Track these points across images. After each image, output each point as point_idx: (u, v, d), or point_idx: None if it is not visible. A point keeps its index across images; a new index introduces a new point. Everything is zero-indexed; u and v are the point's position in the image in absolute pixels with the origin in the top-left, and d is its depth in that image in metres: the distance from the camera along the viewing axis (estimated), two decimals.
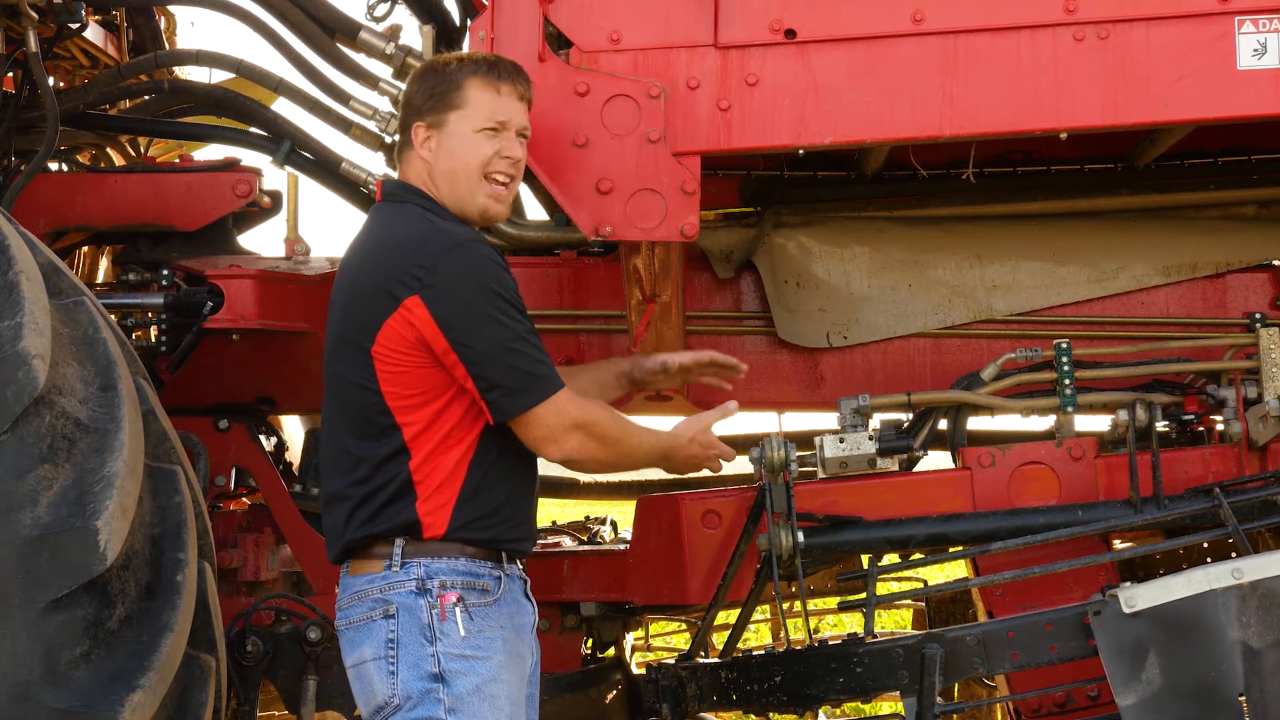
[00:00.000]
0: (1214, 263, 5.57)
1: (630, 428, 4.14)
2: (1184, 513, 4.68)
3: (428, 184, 4.10)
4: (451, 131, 4.07)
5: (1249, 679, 4.09)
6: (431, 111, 4.08)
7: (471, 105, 4.07)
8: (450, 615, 3.81)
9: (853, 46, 4.55)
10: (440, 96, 4.07)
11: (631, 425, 4.17)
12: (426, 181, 4.10)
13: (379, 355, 3.88)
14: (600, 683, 5.42)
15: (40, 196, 5.81)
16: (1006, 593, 4.83)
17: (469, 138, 4.06)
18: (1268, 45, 4.45)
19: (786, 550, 4.65)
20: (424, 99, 4.10)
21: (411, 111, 4.13)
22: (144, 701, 3.91)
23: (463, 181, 4.07)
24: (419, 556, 3.86)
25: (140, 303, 5.76)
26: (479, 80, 4.08)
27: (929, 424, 5.02)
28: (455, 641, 3.80)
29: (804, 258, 5.60)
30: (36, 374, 3.89)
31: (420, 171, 4.11)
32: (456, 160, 4.06)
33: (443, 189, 4.08)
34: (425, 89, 4.11)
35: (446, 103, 4.07)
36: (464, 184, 4.08)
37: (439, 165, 4.07)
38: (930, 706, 4.32)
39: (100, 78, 6.23)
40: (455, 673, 3.78)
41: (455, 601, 3.81)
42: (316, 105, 5.83)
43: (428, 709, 3.79)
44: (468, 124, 4.06)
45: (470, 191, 4.08)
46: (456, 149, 4.06)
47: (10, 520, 3.82)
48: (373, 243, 4.06)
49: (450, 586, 3.83)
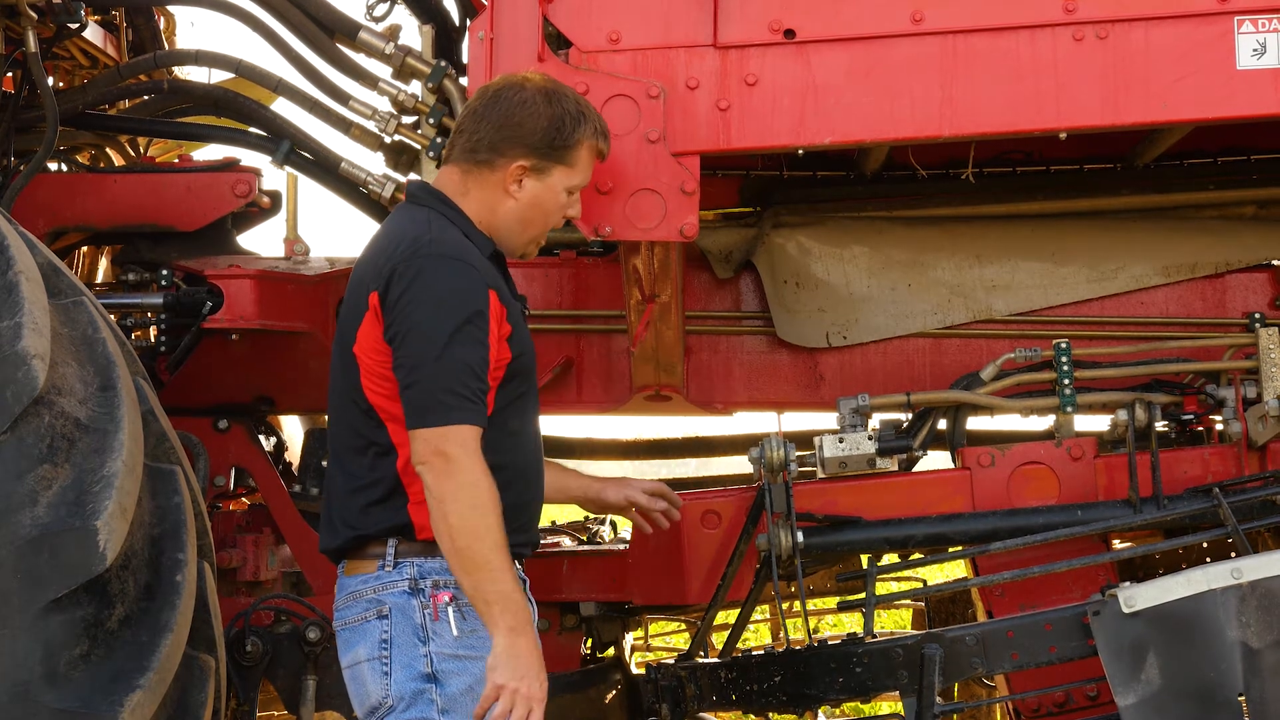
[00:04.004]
0: (1213, 263, 5.56)
1: (486, 544, 3.68)
2: (1183, 513, 4.68)
3: (482, 204, 4.04)
4: (550, 185, 4.04)
5: (1248, 679, 4.09)
6: (541, 157, 4.02)
7: (578, 167, 4.07)
8: (443, 615, 3.79)
9: (852, 46, 4.55)
10: (556, 148, 4.02)
11: (491, 544, 3.69)
12: (483, 202, 4.05)
13: (359, 355, 3.88)
14: (600, 683, 5.42)
15: (40, 197, 5.80)
16: (1006, 593, 4.83)
17: (559, 195, 4.07)
18: (1267, 45, 4.45)
19: (786, 550, 4.65)
20: (538, 140, 4.01)
21: (511, 140, 4.02)
22: (143, 701, 3.91)
23: (533, 230, 4.09)
24: (412, 556, 3.85)
25: (139, 303, 5.76)
26: (592, 145, 4.09)
27: (928, 424, 5.03)
28: (448, 641, 3.77)
29: (803, 258, 5.60)
30: (36, 374, 3.89)
31: (487, 198, 4.05)
32: (539, 212, 4.06)
33: (503, 223, 4.05)
34: (541, 130, 4.01)
35: (559, 157, 4.03)
36: (532, 232, 4.10)
37: (520, 207, 4.04)
38: (930, 706, 4.32)
39: (99, 78, 6.23)
40: (448, 673, 3.76)
41: (448, 601, 3.79)
42: (316, 105, 5.82)
43: (421, 710, 3.77)
44: (565, 182, 4.06)
45: (533, 239, 4.13)
46: (547, 203, 4.06)
47: (10, 520, 3.82)
48: (370, 244, 4.06)
49: (443, 586, 3.80)
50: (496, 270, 4.01)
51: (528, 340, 4.02)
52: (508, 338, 3.89)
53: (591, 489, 4.60)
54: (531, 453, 4.05)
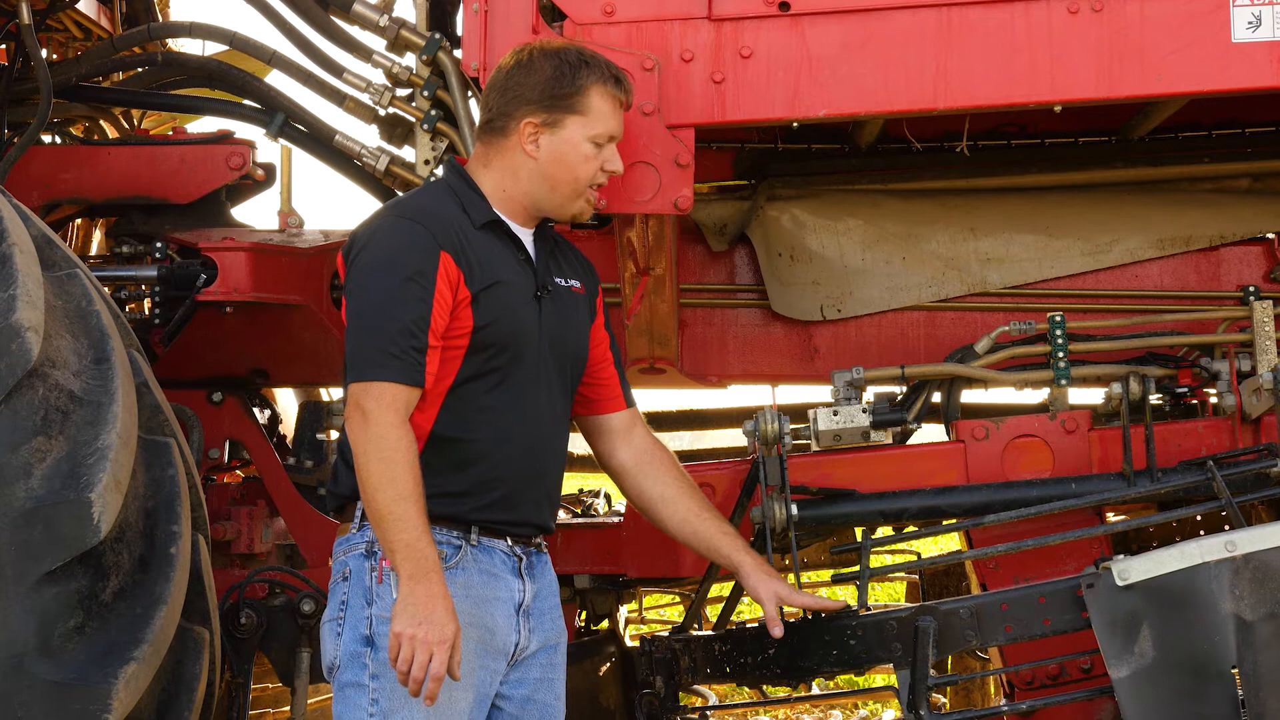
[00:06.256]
0: (1208, 236, 5.56)
1: (389, 494, 3.65)
2: (1177, 485, 4.68)
3: (504, 170, 4.04)
4: (567, 137, 4.00)
5: (1242, 651, 4.09)
6: (548, 110, 3.99)
7: (593, 114, 4.02)
8: (386, 579, 3.77)
9: (847, 19, 4.54)
10: (562, 97, 3.99)
11: (394, 495, 3.65)
12: (505, 169, 4.04)
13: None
14: (594, 655, 5.43)
15: (33, 169, 5.81)
16: (1000, 565, 4.83)
17: (580, 146, 4.01)
18: (1262, 18, 4.44)
19: (780, 523, 4.65)
20: (540, 93, 3.99)
21: (517, 100, 4.01)
22: (138, 674, 3.92)
23: (564, 188, 4.04)
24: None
25: (134, 275, 5.77)
26: (604, 90, 4.03)
27: (923, 397, 5.02)
28: (387, 604, 3.73)
29: (798, 231, 5.60)
30: (30, 346, 3.89)
31: (508, 164, 4.04)
32: (563, 167, 4.02)
33: (531, 186, 4.04)
34: (543, 82, 4.00)
35: (567, 105, 3.99)
36: (565, 190, 4.05)
37: (541, 166, 4.01)
38: (923, 679, 4.32)
39: (93, 50, 6.23)
40: (382, 635, 3.73)
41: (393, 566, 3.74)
42: (310, 78, 5.81)
43: (354, 673, 3.78)
44: (583, 132, 4.01)
45: (570, 198, 4.06)
46: (568, 156, 4.01)
47: (4, 493, 3.83)
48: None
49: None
50: (492, 240, 3.98)
51: (507, 314, 3.94)
52: (470, 303, 3.85)
53: (739, 566, 4.30)
54: (514, 432, 3.97)
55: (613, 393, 4.35)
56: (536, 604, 4.05)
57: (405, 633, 3.56)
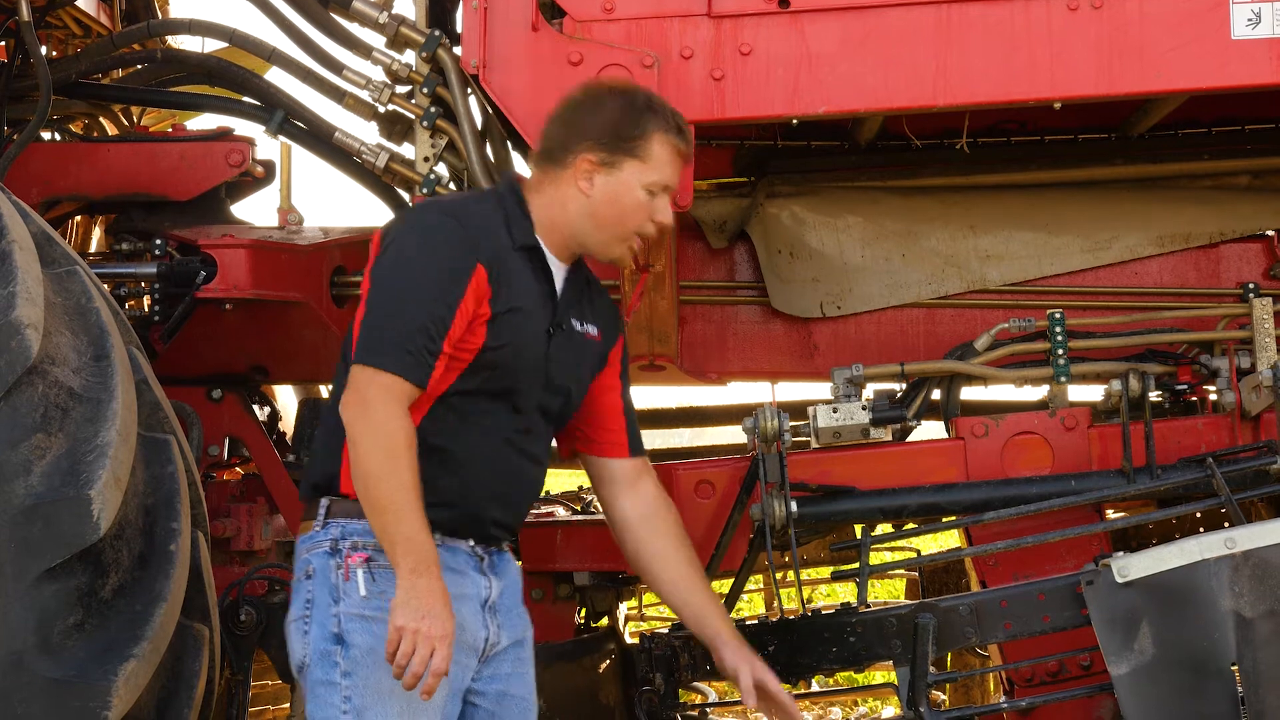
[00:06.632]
0: (1207, 233, 5.56)
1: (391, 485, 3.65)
2: (1177, 482, 4.68)
3: (554, 200, 4.00)
4: (623, 180, 3.96)
5: (1241, 648, 4.09)
6: (608, 150, 3.95)
7: (652, 161, 3.97)
8: (353, 575, 3.76)
9: (846, 16, 4.55)
10: (624, 140, 3.95)
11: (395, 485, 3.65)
12: (555, 199, 4.00)
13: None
14: (593, 652, 5.42)
15: (33, 166, 5.80)
16: (999, 562, 4.83)
17: (635, 192, 3.97)
18: (1262, 15, 4.44)
19: (780, 520, 4.65)
20: (603, 132, 3.96)
21: (578, 135, 3.97)
22: (137, 671, 3.92)
23: (610, 230, 4.00)
24: (339, 517, 3.83)
25: (133, 272, 5.75)
26: (666, 139, 3.98)
27: (922, 394, 5.02)
28: (355, 601, 3.73)
29: (797, 227, 5.60)
30: (29, 343, 3.89)
31: (559, 195, 4.00)
32: (614, 209, 3.98)
33: (578, 221, 4.00)
34: (607, 122, 3.97)
35: (628, 148, 3.95)
36: (609, 232, 4.01)
37: (592, 204, 3.97)
38: (923, 676, 4.33)
39: (93, 47, 6.22)
40: (352, 632, 3.72)
41: (360, 562, 3.75)
42: (309, 75, 5.80)
43: (324, 671, 3.75)
44: (639, 178, 3.96)
45: (613, 240, 4.03)
46: (622, 199, 3.97)
47: (3, 490, 3.83)
48: None
49: (361, 548, 3.78)
50: (525, 265, 3.95)
51: (517, 341, 3.91)
52: (487, 321, 3.83)
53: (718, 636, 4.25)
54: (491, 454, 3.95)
55: (616, 439, 4.31)
56: (502, 600, 4.04)
57: (409, 627, 3.54)
